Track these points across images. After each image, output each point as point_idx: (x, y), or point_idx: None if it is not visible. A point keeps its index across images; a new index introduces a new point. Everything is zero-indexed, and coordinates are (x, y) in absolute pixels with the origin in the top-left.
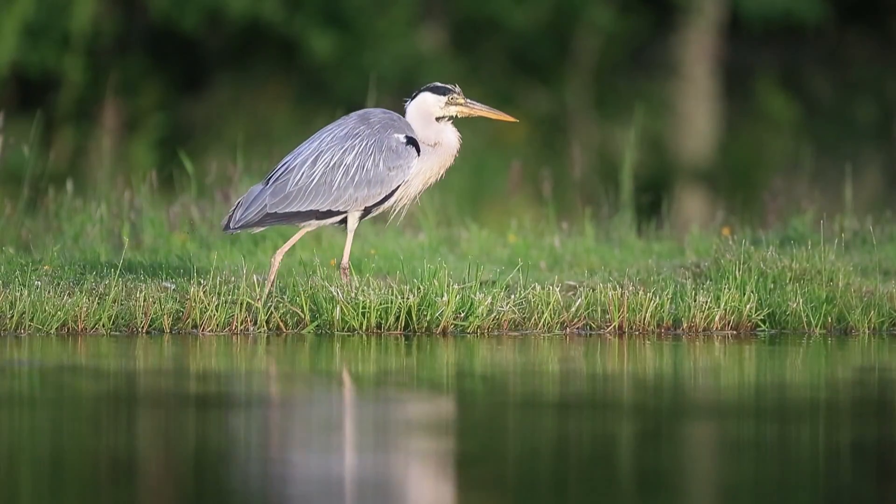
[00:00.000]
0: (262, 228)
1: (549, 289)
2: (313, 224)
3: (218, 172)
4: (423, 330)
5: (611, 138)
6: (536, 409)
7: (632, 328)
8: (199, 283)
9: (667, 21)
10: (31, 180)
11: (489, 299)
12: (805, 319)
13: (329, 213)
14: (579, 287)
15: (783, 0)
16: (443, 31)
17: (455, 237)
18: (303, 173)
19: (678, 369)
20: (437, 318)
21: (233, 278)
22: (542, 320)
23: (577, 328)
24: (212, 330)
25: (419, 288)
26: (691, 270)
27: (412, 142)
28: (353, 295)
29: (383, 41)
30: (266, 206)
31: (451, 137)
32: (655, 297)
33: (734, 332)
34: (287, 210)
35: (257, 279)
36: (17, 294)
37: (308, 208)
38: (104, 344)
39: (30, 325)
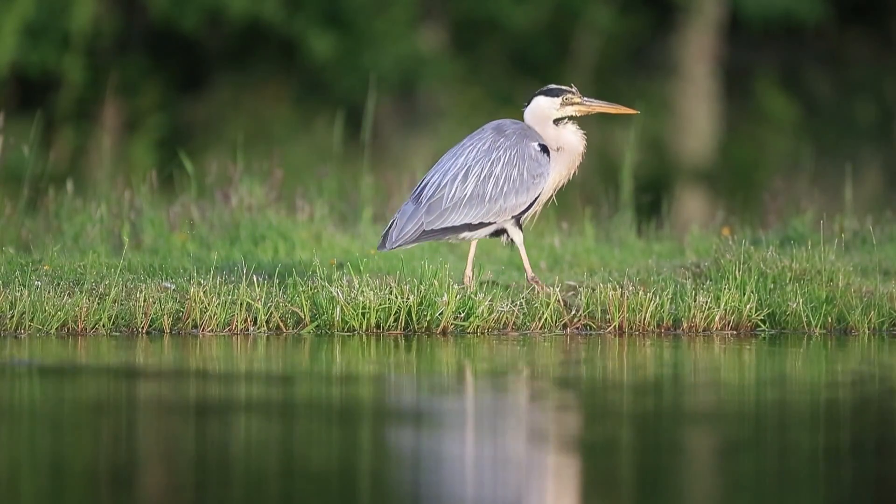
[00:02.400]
0: (416, 244)
1: (549, 289)
2: (465, 236)
3: (218, 172)
4: (423, 330)
5: (611, 138)
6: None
7: (632, 328)
8: (199, 283)
9: (667, 21)
10: (31, 180)
11: (489, 299)
12: (805, 319)
13: (481, 225)
14: (579, 287)
15: (783, 0)
16: (443, 31)
17: None
18: (456, 188)
19: (705, 368)
20: (437, 318)
21: (233, 278)
22: (543, 320)
23: (577, 328)
24: (212, 330)
25: (419, 288)
26: (691, 270)
27: (545, 149)
28: (353, 295)
29: (383, 41)
30: (423, 223)
31: (571, 139)
32: (655, 297)
33: (734, 333)
34: (443, 226)
35: (257, 279)
36: (17, 294)
37: (462, 222)
38: (104, 344)
39: (30, 325)
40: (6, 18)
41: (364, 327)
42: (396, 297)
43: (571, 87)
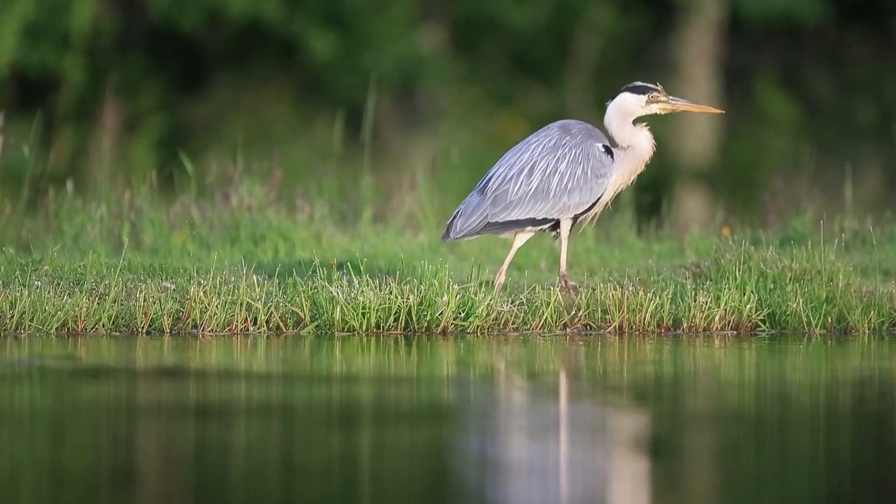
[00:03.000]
0: (479, 236)
1: (549, 289)
2: (528, 231)
3: (218, 172)
4: (423, 330)
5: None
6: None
7: (632, 328)
8: (199, 283)
9: (667, 21)
10: (31, 180)
11: (489, 299)
12: (805, 319)
13: (544, 221)
14: (579, 287)
15: (783, 0)
16: (443, 31)
17: None
18: (521, 182)
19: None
20: (438, 318)
21: (233, 278)
22: (543, 320)
23: (577, 328)
24: (212, 330)
25: (419, 288)
26: (691, 270)
27: (608, 150)
28: (353, 295)
29: (383, 41)
30: (487, 215)
31: (643, 142)
32: (655, 297)
33: (734, 333)
34: (507, 219)
35: (257, 279)
36: (17, 294)
37: (526, 216)
38: (104, 344)
39: (30, 325)
40: (6, 18)
41: (364, 327)
42: (396, 297)
43: (657, 85)
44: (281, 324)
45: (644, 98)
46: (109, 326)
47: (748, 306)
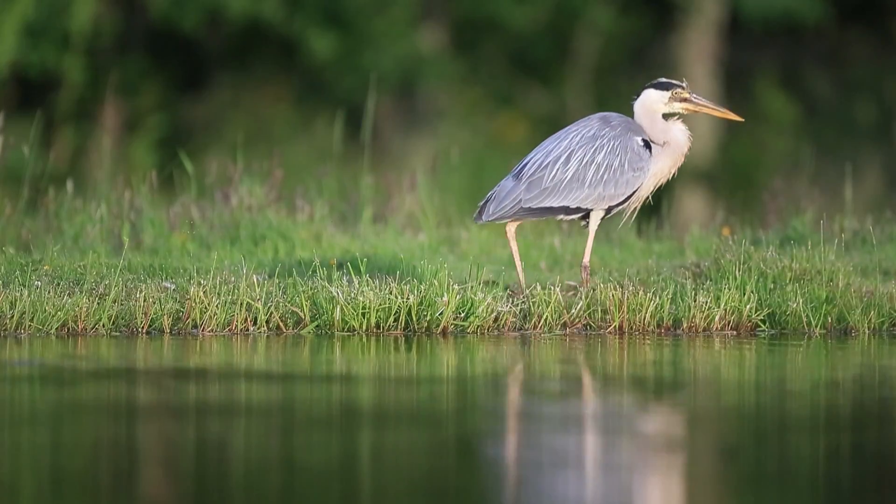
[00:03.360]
0: (511, 220)
1: (549, 289)
2: (562, 219)
3: (218, 172)
4: (423, 330)
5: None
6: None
7: (632, 328)
8: (199, 283)
9: (667, 21)
10: (31, 180)
11: (489, 299)
12: (805, 319)
13: (577, 210)
14: (579, 287)
15: (783, 0)
16: (443, 31)
17: (455, 237)
18: (557, 170)
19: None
20: (438, 318)
21: (233, 278)
22: (543, 320)
23: (578, 328)
24: (212, 330)
25: (419, 288)
26: (691, 270)
27: (648, 144)
28: (353, 295)
29: (383, 41)
30: (521, 200)
31: (678, 136)
32: (655, 297)
33: (734, 333)
34: (540, 205)
35: (257, 279)
36: (17, 294)
37: (560, 204)
38: (104, 344)
39: (30, 325)
40: (6, 18)
41: (364, 327)
42: (396, 297)
43: (683, 81)
44: (281, 324)
45: (667, 94)
46: (109, 326)
47: (748, 306)
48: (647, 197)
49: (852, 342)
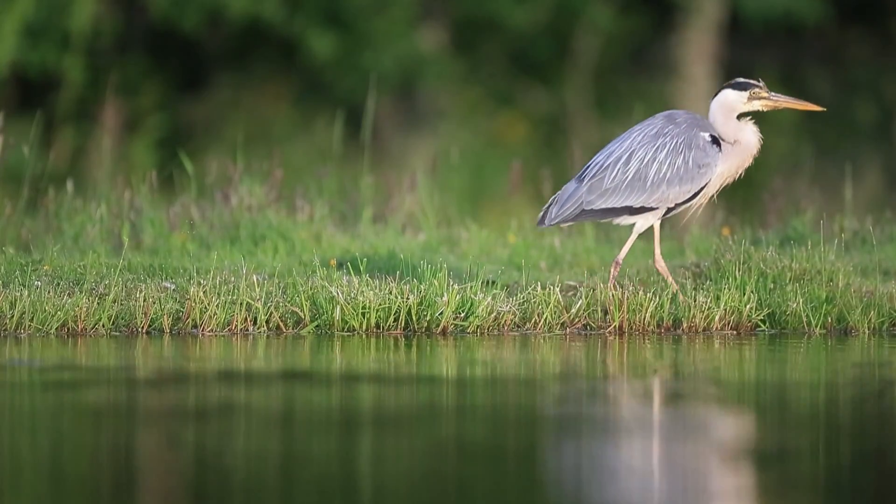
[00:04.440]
0: (574, 223)
1: (549, 289)
2: (626, 220)
3: (218, 172)
4: (423, 330)
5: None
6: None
7: (632, 328)
8: (199, 283)
9: (667, 21)
10: (31, 180)
11: (489, 299)
12: (805, 319)
13: (641, 210)
14: (579, 287)
15: (783, 0)
16: (443, 31)
17: (455, 237)
18: (618, 170)
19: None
20: (437, 318)
21: (233, 278)
22: (543, 320)
23: (578, 328)
24: (212, 330)
25: (419, 288)
26: (691, 270)
27: (716, 141)
28: (353, 295)
29: (383, 41)
30: (583, 202)
31: (750, 137)
32: (655, 297)
33: (734, 332)
34: (602, 206)
35: (257, 279)
36: (17, 294)
37: (622, 204)
38: (104, 344)
39: (30, 325)
40: (6, 18)
41: (364, 327)
42: (396, 297)
43: (759, 81)
44: (281, 324)
45: (746, 94)
46: (109, 326)
47: (748, 306)
48: (714, 195)
49: (852, 342)
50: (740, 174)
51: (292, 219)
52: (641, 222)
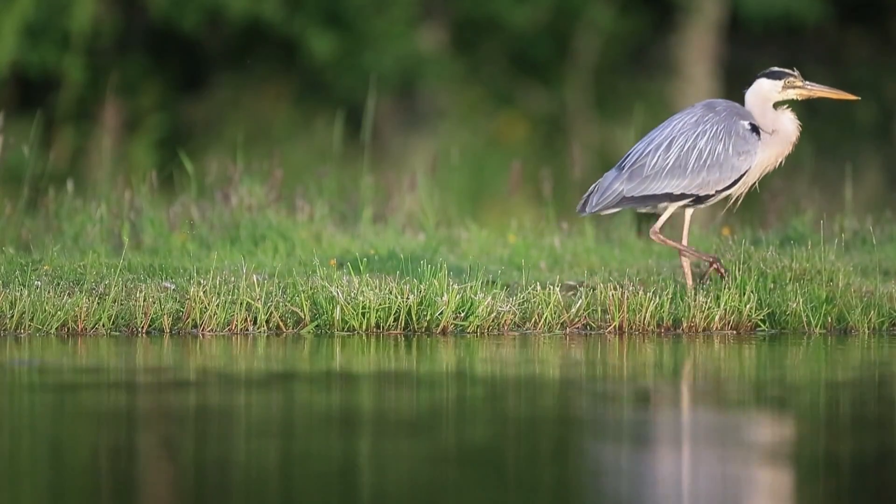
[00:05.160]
0: (616, 210)
1: (549, 289)
2: (667, 207)
3: (218, 172)
4: (423, 330)
5: (611, 138)
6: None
7: (632, 328)
8: (199, 283)
9: (667, 21)
10: (31, 180)
11: (489, 299)
12: (805, 319)
13: (682, 196)
14: (579, 287)
15: (783, 0)
16: (443, 31)
17: (455, 237)
18: (658, 157)
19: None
20: (437, 317)
21: (233, 278)
22: (543, 320)
23: (578, 328)
24: (212, 330)
25: (419, 288)
26: (691, 270)
27: (755, 129)
28: (353, 295)
29: (383, 41)
30: (623, 190)
31: (788, 125)
32: (655, 297)
33: (734, 332)
34: (643, 193)
35: (257, 279)
36: (17, 294)
37: (663, 191)
38: (104, 344)
39: (30, 325)
40: (6, 18)
41: (364, 327)
42: (396, 297)
43: (794, 70)
44: (281, 324)
45: (780, 83)
46: (109, 326)
47: (748, 306)
48: (754, 184)
49: (852, 342)
50: (781, 162)
51: (292, 219)
52: (688, 210)
